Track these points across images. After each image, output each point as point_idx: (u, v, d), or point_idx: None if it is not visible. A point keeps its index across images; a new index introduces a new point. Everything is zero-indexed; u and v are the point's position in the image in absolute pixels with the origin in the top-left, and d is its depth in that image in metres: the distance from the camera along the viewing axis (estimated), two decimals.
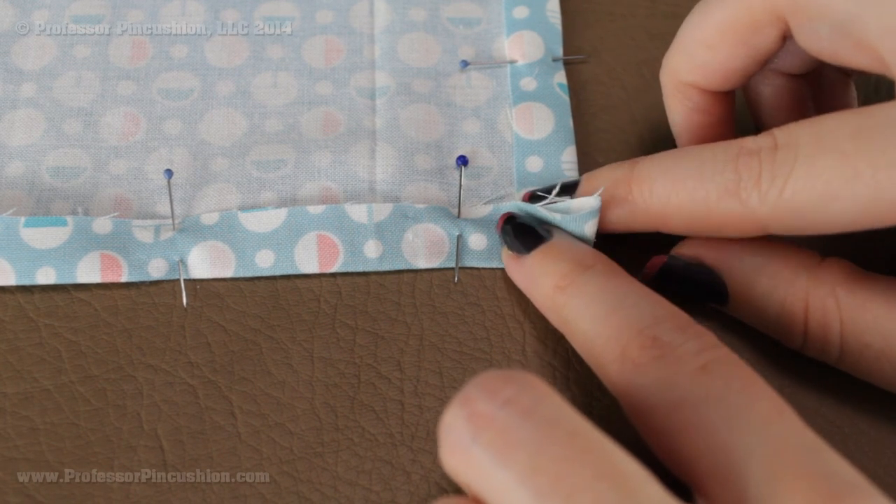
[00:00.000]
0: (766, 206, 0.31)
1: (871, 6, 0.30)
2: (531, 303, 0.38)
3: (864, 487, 0.27)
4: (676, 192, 0.34)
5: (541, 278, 0.35)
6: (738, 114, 0.39)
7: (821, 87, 0.39)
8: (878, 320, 0.33)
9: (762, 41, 0.35)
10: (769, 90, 0.39)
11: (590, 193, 0.37)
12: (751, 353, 0.37)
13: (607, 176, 0.36)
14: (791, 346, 0.35)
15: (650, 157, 0.36)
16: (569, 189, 0.38)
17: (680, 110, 0.38)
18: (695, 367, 0.29)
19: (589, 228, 0.37)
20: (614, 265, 0.35)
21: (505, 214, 0.38)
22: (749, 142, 0.32)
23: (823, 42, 0.32)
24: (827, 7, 0.31)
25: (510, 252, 0.37)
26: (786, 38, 0.34)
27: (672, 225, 0.35)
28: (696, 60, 0.36)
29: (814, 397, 0.36)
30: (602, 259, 0.35)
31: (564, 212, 0.37)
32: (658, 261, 0.37)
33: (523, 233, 0.37)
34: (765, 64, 0.36)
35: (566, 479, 0.26)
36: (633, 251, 0.38)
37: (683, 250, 0.37)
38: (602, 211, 0.36)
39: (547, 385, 0.28)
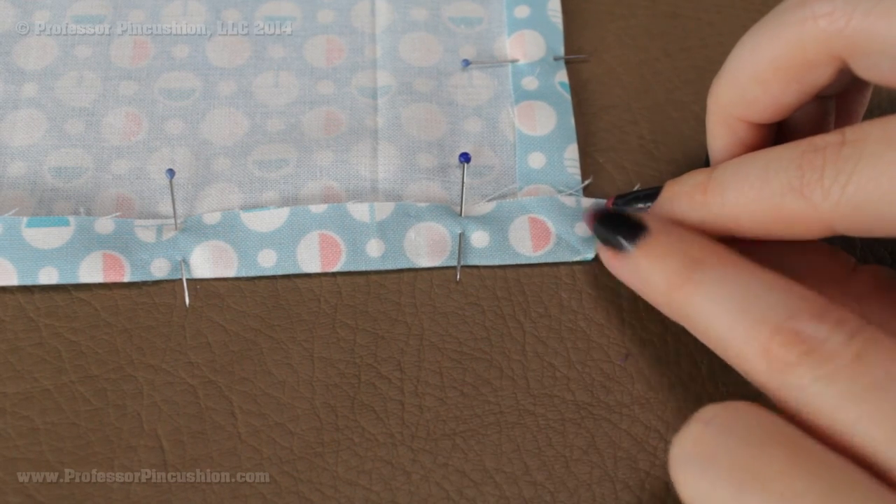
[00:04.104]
0: (829, 202, 0.30)
1: None
2: (531, 303, 0.38)
3: None
4: (745, 192, 0.33)
5: (651, 277, 0.33)
6: None
7: (842, 96, 0.38)
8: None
9: (817, 78, 0.33)
10: (800, 110, 0.37)
11: (671, 199, 0.36)
12: None
13: (687, 181, 0.36)
14: None
15: (727, 162, 0.35)
16: (650, 196, 0.37)
17: (724, 139, 0.37)
18: (849, 359, 0.28)
19: None
20: (725, 253, 0.33)
21: (593, 212, 0.35)
22: (817, 139, 0.31)
23: (885, 74, 0.31)
24: (887, 43, 0.30)
25: (609, 250, 0.34)
26: (841, 72, 0.33)
27: (743, 227, 0.34)
28: (746, 96, 0.35)
29: None
30: (712, 250, 0.33)
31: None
32: None
33: (618, 224, 0.34)
34: (816, 95, 0.35)
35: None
36: None
37: None
38: (681, 216, 0.36)
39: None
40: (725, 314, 0.31)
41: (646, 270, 0.33)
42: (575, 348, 0.37)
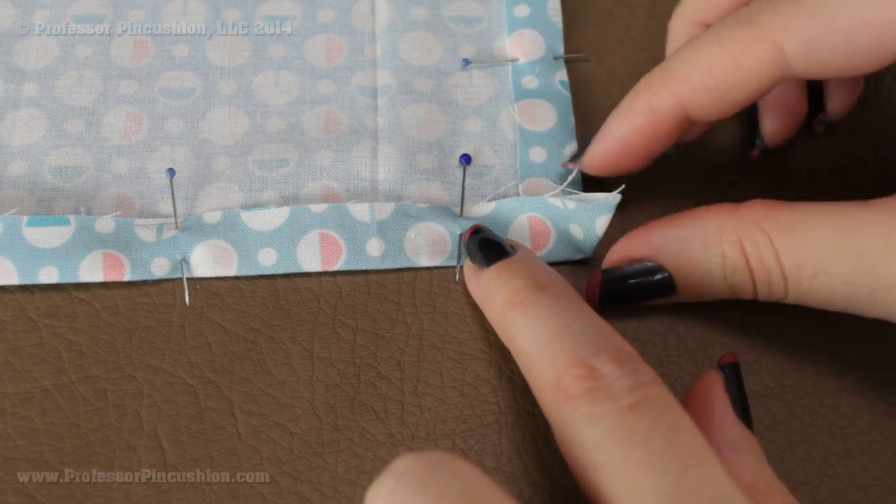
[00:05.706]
0: (778, 17, 0.32)
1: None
2: None
3: None
4: (694, 46, 0.35)
5: (494, 292, 0.35)
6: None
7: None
8: (805, 236, 0.33)
9: None
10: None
11: (620, 121, 0.38)
12: (751, 353, 0.37)
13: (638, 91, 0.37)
14: (745, 296, 0.35)
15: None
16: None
17: (683, 40, 0.39)
18: (625, 405, 0.29)
19: (600, 223, 0.38)
20: (569, 288, 0.34)
21: (472, 227, 0.37)
22: None
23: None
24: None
25: (472, 265, 0.37)
26: None
27: (694, 85, 0.35)
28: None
29: (814, 398, 0.36)
30: (557, 281, 0.34)
31: (581, 201, 0.38)
32: (595, 281, 0.38)
33: (487, 247, 0.36)
34: None
35: None
36: None
37: (612, 258, 0.37)
38: (634, 107, 0.37)
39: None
40: (538, 338, 0.32)
41: (492, 285, 0.35)
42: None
